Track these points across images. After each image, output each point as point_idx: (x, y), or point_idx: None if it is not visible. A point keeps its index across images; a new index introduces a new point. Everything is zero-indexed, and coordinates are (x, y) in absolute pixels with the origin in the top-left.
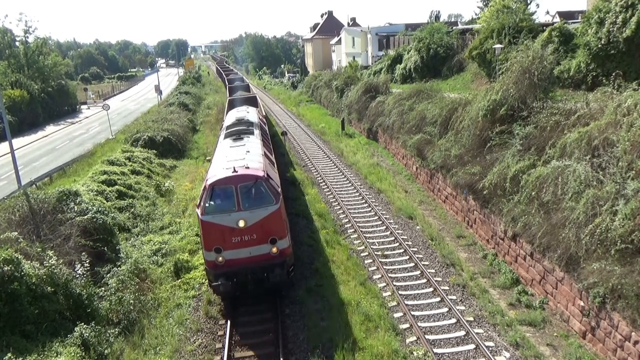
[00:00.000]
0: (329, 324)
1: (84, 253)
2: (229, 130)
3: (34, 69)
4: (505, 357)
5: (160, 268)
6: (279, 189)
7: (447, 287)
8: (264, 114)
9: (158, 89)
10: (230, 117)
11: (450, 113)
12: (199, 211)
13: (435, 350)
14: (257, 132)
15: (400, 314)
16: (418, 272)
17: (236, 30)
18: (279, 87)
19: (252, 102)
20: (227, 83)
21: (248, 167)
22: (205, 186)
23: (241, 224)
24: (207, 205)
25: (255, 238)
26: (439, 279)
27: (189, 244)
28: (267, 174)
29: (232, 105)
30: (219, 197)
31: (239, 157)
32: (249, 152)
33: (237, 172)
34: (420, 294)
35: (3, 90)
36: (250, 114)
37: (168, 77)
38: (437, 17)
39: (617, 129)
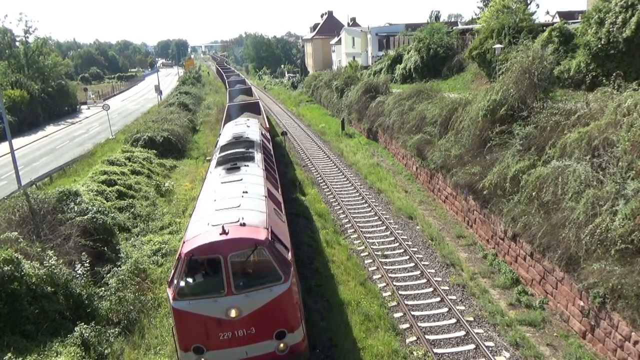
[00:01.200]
0: (329, 324)
1: (84, 253)
2: (222, 155)
3: (34, 69)
4: (505, 357)
5: (160, 268)
6: (289, 253)
7: (447, 287)
8: (268, 125)
9: (158, 89)
10: (227, 133)
11: (450, 113)
12: (170, 293)
13: (435, 350)
14: (258, 156)
15: (400, 314)
16: (418, 272)
17: (236, 30)
18: (279, 87)
19: (255, 109)
20: (227, 86)
21: (244, 224)
22: (179, 255)
23: (233, 313)
24: (181, 284)
25: (254, 332)
26: (439, 279)
27: None
28: (273, 234)
29: (231, 113)
30: (199, 273)
31: (232, 204)
32: (246, 192)
33: (227, 233)
34: (420, 294)
35: (3, 90)
36: (250, 128)
37: (168, 77)
38: (437, 17)
39: (617, 129)
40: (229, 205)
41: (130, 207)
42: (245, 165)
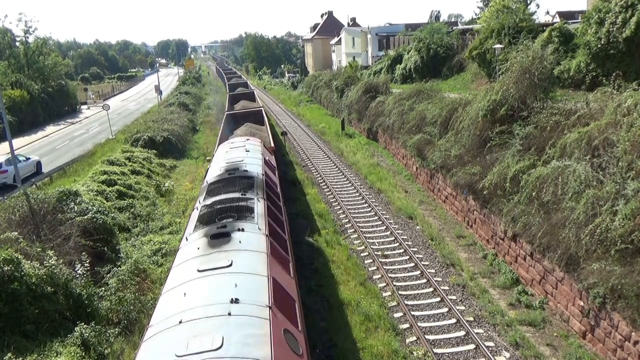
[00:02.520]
0: (329, 324)
1: (84, 253)
2: (208, 204)
3: (34, 69)
4: (505, 357)
5: (160, 268)
6: None
7: (447, 287)
8: (273, 144)
9: (158, 89)
10: (219, 160)
11: (450, 113)
12: None
13: (435, 350)
14: (260, 207)
15: (400, 314)
16: (418, 272)
17: (236, 30)
18: (279, 87)
19: (258, 118)
20: (227, 89)
21: None
22: None
23: None
24: None
25: None
26: (439, 279)
27: None
28: None
29: (230, 124)
30: None
31: (209, 339)
32: (237, 301)
33: None
34: (420, 294)
35: (3, 90)
36: (251, 153)
37: (168, 77)
38: (437, 17)
39: (617, 129)
40: (202, 344)
41: (130, 207)
42: (239, 230)
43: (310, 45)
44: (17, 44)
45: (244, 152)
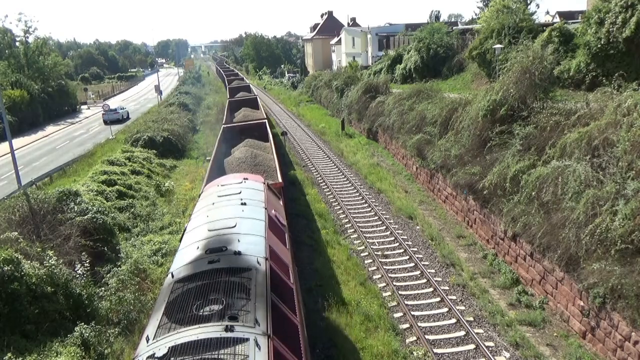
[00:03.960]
0: (328, 324)
1: (84, 253)
2: (159, 355)
3: (34, 69)
4: (505, 357)
5: (160, 268)
6: None
7: (447, 287)
8: (280, 176)
9: (158, 89)
10: (199, 222)
11: (450, 113)
12: None
13: (435, 350)
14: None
15: (400, 314)
16: (418, 272)
17: (236, 30)
18: (279, 87)
19: (261, 132)
20: (228, 94)
21: None
22: None
23: None
24: None
25: None
26: (439, 279)
27: None
28: None
29: (226, 140)
30: None
31: None
32: None
33: None
34: (420, 294)
35: (3, 90)
36: (248, 208)
37: (168, 77)
38: (437, 17)
39: (617, 129)
40: None
41: (130, 207)
42: None
43: (310, 45)
44: (17, 44)
45: (239, 206)
